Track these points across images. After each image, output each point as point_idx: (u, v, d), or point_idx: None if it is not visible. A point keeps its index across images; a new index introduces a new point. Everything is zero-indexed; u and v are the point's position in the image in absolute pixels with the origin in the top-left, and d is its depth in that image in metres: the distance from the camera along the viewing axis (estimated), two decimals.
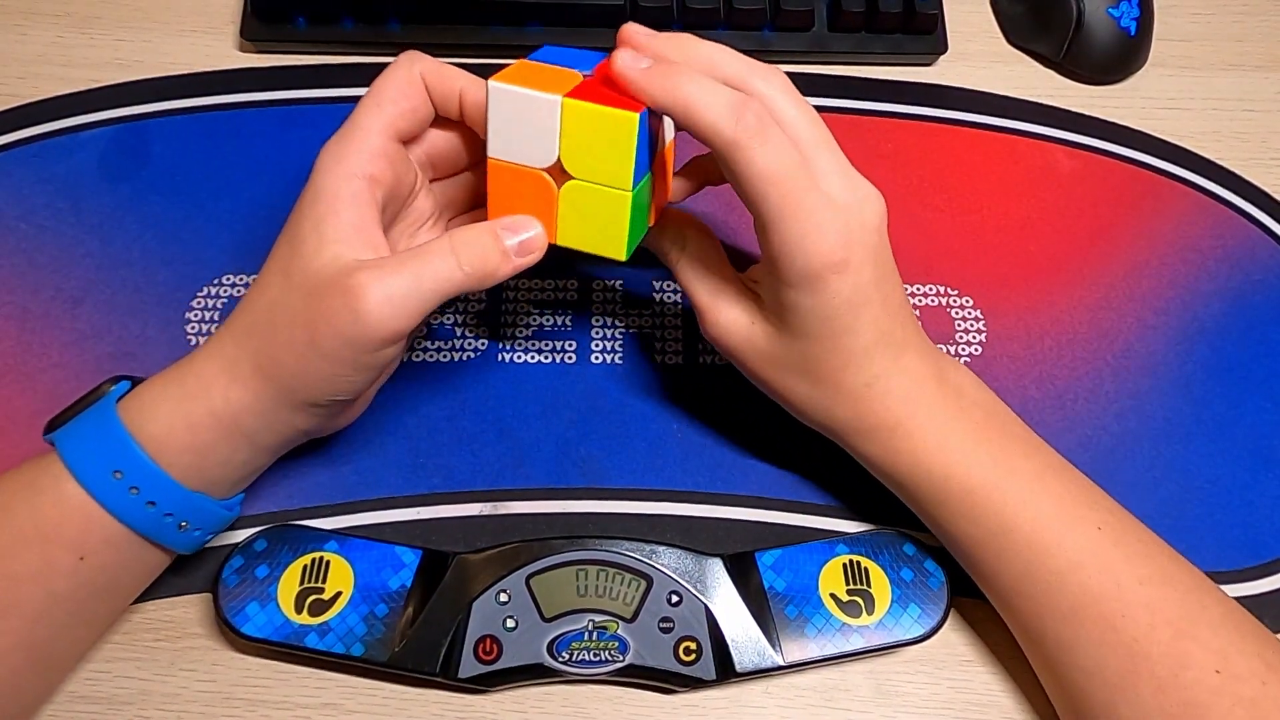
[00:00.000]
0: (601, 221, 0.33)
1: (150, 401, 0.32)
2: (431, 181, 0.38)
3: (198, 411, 0.32)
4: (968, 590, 0.39)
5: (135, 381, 0.34)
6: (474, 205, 0.39)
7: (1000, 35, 0.52)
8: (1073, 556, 0.34)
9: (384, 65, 0.34)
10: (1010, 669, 0.38)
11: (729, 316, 0.35)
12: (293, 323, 0.31)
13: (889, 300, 0.34)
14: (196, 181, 0.46)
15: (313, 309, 0.31)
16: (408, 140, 0.35)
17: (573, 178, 0.32)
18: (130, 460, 0.31)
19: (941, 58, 0.51)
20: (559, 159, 0.32)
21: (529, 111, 0.31)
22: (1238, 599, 0.39)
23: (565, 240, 0.34)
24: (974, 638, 0.39)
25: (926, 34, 0.50)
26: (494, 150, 0.32)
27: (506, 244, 0.32)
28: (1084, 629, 0.33)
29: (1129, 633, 0.33)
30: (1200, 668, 0.32)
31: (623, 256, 0.33)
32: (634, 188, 0.32)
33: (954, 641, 0.39)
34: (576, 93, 0.31)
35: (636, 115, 0.30)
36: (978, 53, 0.51)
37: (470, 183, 0.39)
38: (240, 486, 0.35)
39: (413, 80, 0.34)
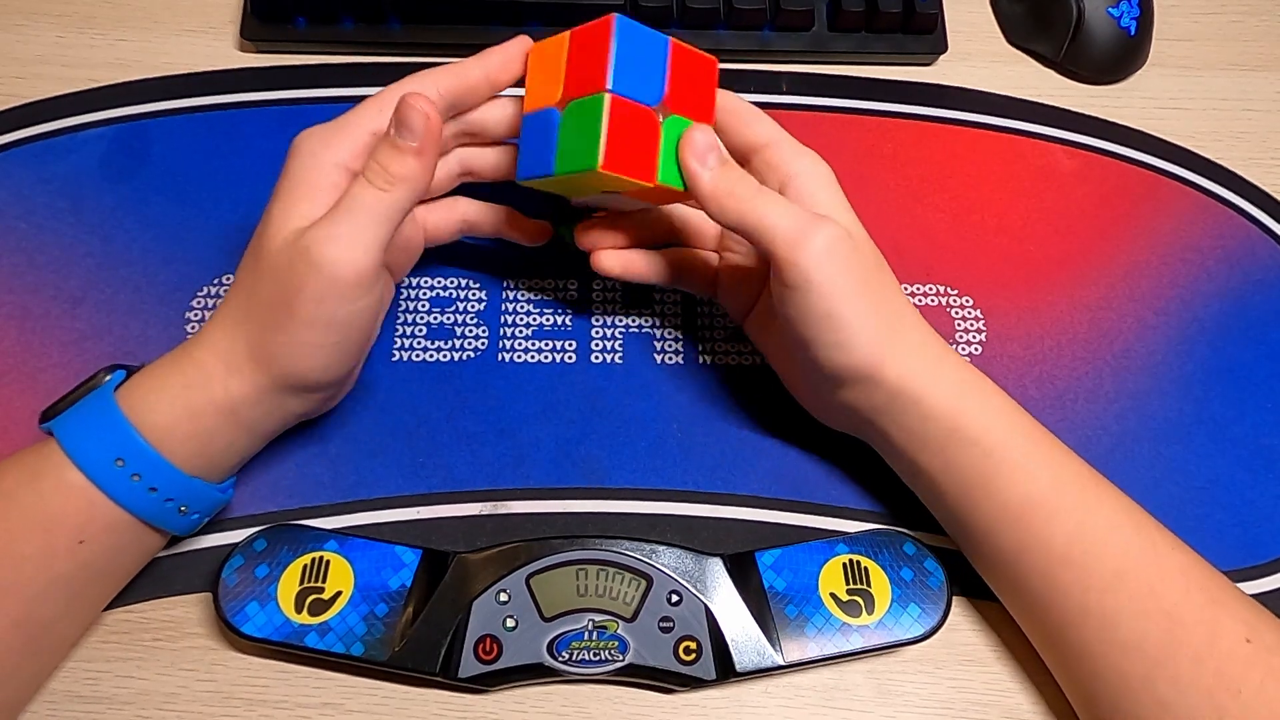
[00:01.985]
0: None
1: (150, 390, 0.33)
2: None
3: (198, 401, 0.33)
4: (967, 590, 0.39)
5: (130, 370, 0.35)
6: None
7: (1000, 35, 0.52)
8: (1113, 517, 0.34)
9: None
10: (1010, 668, 0.38)
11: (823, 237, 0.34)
12: (272, 304, 0.33)
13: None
14: (196, 181, 0.46)
15: (284, 283, 0.32)
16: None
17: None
18: (132, 449, 0.32)
19: (941, 58, 0.51)
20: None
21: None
22: None
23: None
24: (974, 638, 0.39)
25: (926, 34, 0.50)
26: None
27: (396, 139, 0.33)
28: (1127, 597, 0.33)
29: (1169, 599, 0.33)
30: (1232, 637, 0.32)
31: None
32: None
33: (954, 641, 0.39)
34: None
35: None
36: (978, 53, 0.51)
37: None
38: (235, 470, 0.37)
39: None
